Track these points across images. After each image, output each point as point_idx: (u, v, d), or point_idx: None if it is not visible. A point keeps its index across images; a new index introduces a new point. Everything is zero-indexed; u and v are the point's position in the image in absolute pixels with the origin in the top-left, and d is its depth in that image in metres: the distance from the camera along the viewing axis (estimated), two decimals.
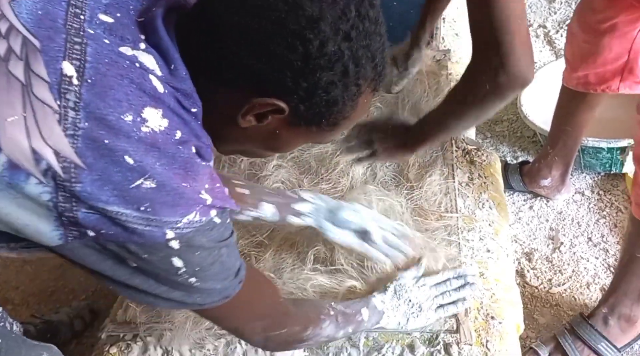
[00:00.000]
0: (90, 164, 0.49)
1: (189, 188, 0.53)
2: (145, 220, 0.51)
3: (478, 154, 1.25)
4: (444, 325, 0.93)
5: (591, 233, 1.54)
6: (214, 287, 0.62)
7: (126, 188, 0.50)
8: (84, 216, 0.50)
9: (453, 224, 1.07)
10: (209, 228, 0.56)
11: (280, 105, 0.56)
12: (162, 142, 0.52)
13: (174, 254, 0.54)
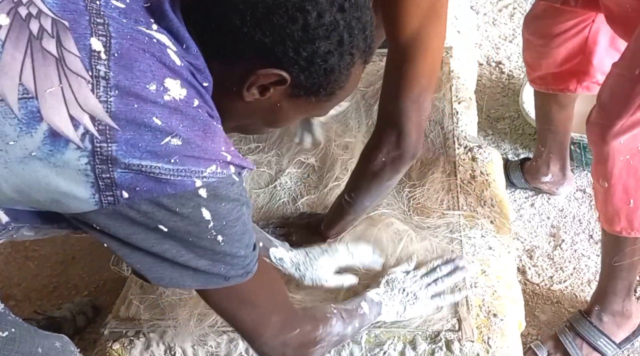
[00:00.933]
0: (123, 126, 0.54)
1: (210, 146, 0.58)
2: (176, 170, 0.56)
3: (480, 152, 1.25)
4: (446, 324, 0.93)
5: (592, 231, 1.54)
6: (238, 253, 0.64)
7: (157, 145, 0.55)
8: (119, 176, 0.54)
9: (455, 222, 1.07)
10: (230, 183, 0.60)
11: (283, 74, 0.60)
12: (183, 106, 0.57)
13: (203, 204, 0.58)
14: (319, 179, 1.20)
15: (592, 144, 1.11)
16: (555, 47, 1.30)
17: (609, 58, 1.28)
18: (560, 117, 1.46)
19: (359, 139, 1.26)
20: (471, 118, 1.39)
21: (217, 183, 0.58)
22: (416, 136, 0.89)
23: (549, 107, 1.45)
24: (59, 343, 0.81)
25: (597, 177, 1.11)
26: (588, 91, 1.37)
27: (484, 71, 2.05)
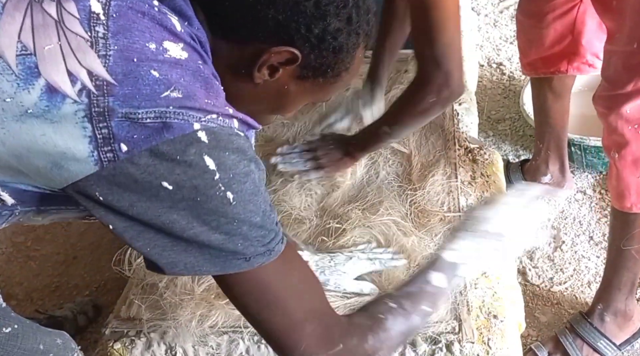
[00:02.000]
0: (121, 80, 0.53)
1: (211, 102, 0.57)
2: (173, 113, 0.54)
3: (480, 153, 1.25)
4: (446, 325, 0.93)
5: (592, 232, 1.55)
6: (254, 219, 0.58)
7: (155, 98, 0.54)
8: (116, 124, 0.53)
9: (456, 223, 1.08)
10: (231, 133, 0.57)
11: (295, 52, 0.60)
12: (183, 64, 0.56)
13: (205, 150, 0.54)
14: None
15: (601, 116, 1.12)
16: (545, 27, 1.33)
17: (597, 39, 1.32)
18: (556, 107, 1.48)
19: None
20: (472, 119, 1.39)
21: (217, 129, 0.56)
22: (459, 74, 0.99)
23: (545, 96, 1.47)
24: (60, 340, 0.82)
25: (609, 149, 1.12)
26: (579, 72, 1.40)
27: (484, 72, 2.05)
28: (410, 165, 1.19)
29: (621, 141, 1.08)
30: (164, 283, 1.02)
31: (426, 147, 1.23)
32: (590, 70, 1.40)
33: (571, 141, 1.58)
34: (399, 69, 1.42)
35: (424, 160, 1.20)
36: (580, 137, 1.57)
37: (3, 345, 0.71)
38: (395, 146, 1.24)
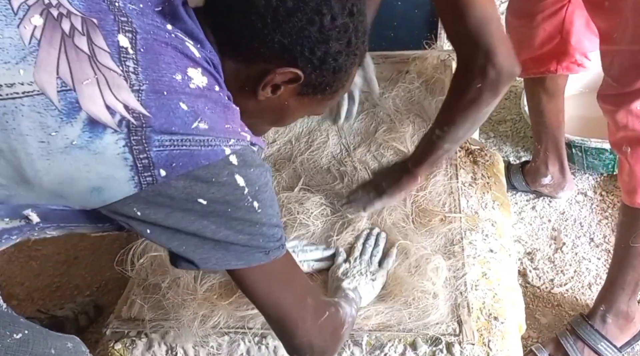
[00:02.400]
0: (155, 113, 0.58)
1: (231, 125, 0.63)
2: (207, 140, 0.60)
3: (481, 154, 1.25)
4: (447, 326, 0.93)
5: (593, 234, 1.55)
6: (272, 221, 0.67)
7: (188, 128, 0.59)
8: (155, 154, 0.57)
9: (456, 224, 1.08)
10: (251, 150, 0.64)
11: (298, 73, 0.65)
12: (206, 91, 0.62)
13: (235, 170, 0.61)
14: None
15: (607, 113, 1.12)
16: (534, 28, 1.34)
17: (585, 39, 1.34)
18: (550, 107, 1.48)
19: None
20: None
21: (242, 150, 0.62)
22: (506, 49, 0.85)
23: (539, 97, 1.48)
24: (71, 343, 0.82)
25: (620, 146, 1.12)
26: (569, 71, 1.41)
27: None
28: None
29: (633, 137, 1.08)
30: (167, 283, 1.03)
31: None
32: (580, 69, 1.41)
33: (572, 143, 1.58)
34: (400, 70, 1.43)
35: None
36: (581, 139, 1.57)
37: (14, 351, 0.72)
38: (397, 146, 1.24)
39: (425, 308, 0.94)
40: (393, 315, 0.94)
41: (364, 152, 1.25)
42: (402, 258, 1.03)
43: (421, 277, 0.98)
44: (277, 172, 1.25)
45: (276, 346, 0.96)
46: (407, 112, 1.32)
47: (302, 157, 1.26)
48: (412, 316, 0.94)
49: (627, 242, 1.15)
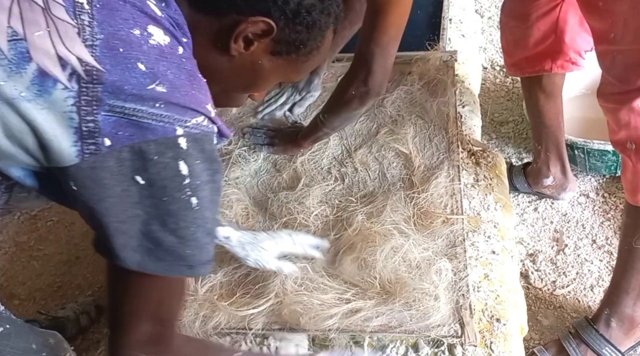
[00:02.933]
0: (109, 69, 0.55)
1: (195, 96, 0.59)
2: (159, 116, 0.56)
3: (484, 155, 1.25)
4: (449, 328, 0.93)
5: (595, 236, 1.54)
6: (207, 227, 0.62)
7: (142, 89, 0.56)
8: (103, 119, 0.55)
9: (458, 226, 1.08)
10: (209, 141, 0.60)
11: (271, 23, 0.63)
12: (167, 53, 0.59)
13: (182, 156, 0.58)
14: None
15: (609, 112, 1.12)
16: (528, 28, 1.35)
17: (579, 37, 1.35)
18: (549, 107, 1.49)
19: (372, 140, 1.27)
20: (475, 122, 1.39)
21: (200, 135, 0.59)
22: (381, 77, 1.07)
23: (536, 97, 1.48)
24: (53, 340, 0.82)
25: (624, 143, 1.11)
26: (563, 70, 1.41)
27: (488, 75, 2.05)
28: (413, 167, 1.19)
29: (636, 135, 1.08)
30: None
31: (430, 149, 1.23)
32: (574, 68, 1.41)
33: (574, 144, 1.58)
34: (402, 71, 1.43)
35: (427, 162, 1.20)
36: (583, 140, 1.56)
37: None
38: (398, 147, 1.24)
39: (427, 309, 0.94)
40: (394, 316, 0.94)
41: (365, 153, 1.25)
42: (404, 259, 1.02)
43: (423, 279, 0.97)
44: (278, 173, 1.25)
45: (277, 347, 0.96)
46: (409, 114, 1.31)
47: (302, 157, 1.26)
48: (414, 318, 0.94)
49: (631, 243, 1.15)
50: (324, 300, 0.97)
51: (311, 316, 0.94)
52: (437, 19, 1.62)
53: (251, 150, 1.28)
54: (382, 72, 1.06)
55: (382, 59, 1.04)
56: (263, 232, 1.03)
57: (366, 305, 0.96)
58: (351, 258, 1.02)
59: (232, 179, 1.23)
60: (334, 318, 0.94)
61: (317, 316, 0.94)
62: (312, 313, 0.95)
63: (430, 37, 1.53)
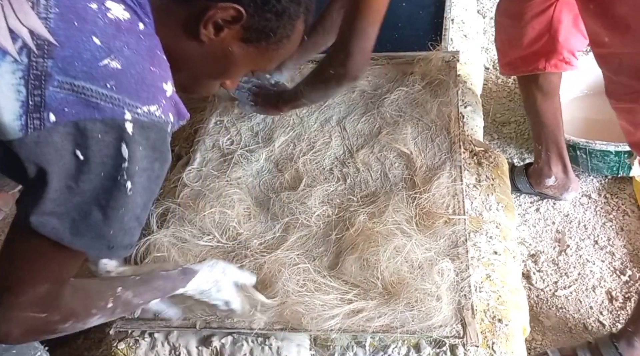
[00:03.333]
0: (62, 42, 0.55)
1: (153, 74, 0.59)
2: (109, 97, 0.56)
3: (486, 156, 1.25)
4: (451, 328, 0.93)
5: (597, 236, 1.54)
6: (136, 213, 0.62)
7: (95, 65, 0.56)
8: (50, 94, 0.55)
9: (460, 226, 1.07)
10: (157, 130, 0.60)
11: (240, 9, 0.63)
12: (126, 29, 0.59)
13: (125, 139, 0.57)
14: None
15: (622, 113, 1.13)
16: (523, 27, 1.36)
17: (572, 37, 1.37)
18: (547, 106, 1.49)
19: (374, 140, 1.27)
20: (477, 122, 1.39)
21: (148, 123, 0.58)
22: (360, 60, 1.09)
23: (534, 96, 1.49)
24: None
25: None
26: (556, 69, 1.42)
27: (490, 75, 2.05)
28: (415, 168, 1.19)
29: None
30: None
31: (432, 150, 1.23)
32: (568, 67, 1.42)
33: (576, 145, 1.58)
34: (404, 71, 1.43)
35: (429, 162, 1.20)
36: (585, 141, 1.56)
37: None
38: (399, 148, 1.24)
39: (429, 310, 0.94)
40: (396, 317, 0.94)
41: (367, 154, 1.25)
42: (406, 259, 1.02)
43: (425, 279, 0.97)
44: (280, 173, 1.25)
45: (279, 346, 0.96)
46: (411, 114, 1.31)
47: (304, 157, 1.26)
48: (416, 319, 0.93)
49: None
50: (326, 300, 0.97)
51: (313, 316, 0.94)
52: (439, 19, 1.62)
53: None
54: (361, 55, 1.08)
55: (361, 42, 1.07)
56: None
57: (368, 306, 0.96)
58: (353, 258, 1.02)
59: (233, 179, 1.23)
60: (335, 318, 0.94)
61: (319, 316, 0.94)
62: (314, 314, 0.95)
63: (432, 38, 1.53)
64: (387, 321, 0.94)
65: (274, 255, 1.05)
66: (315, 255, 1.07)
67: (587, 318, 1.37)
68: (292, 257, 1.05)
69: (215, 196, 1.17)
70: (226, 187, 1.20)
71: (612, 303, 1.39)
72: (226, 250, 1.10)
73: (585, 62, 1.77)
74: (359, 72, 1.11)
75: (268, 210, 1.17)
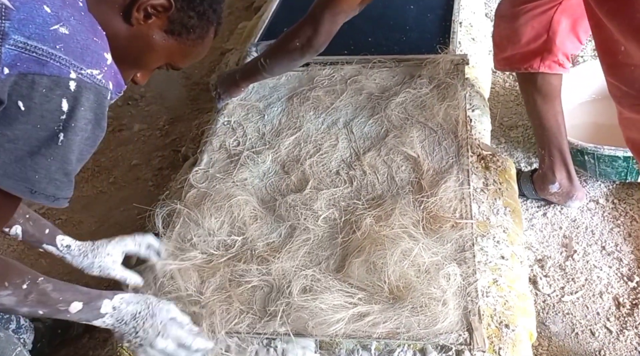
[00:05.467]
0: (18, 7, 0.63)
1: (95, 43, 0.67)
2: (57, 57, 0.64)
3: (493, 160, 1.24)
4: (458, 334, 0.92)
5: (605, 242, 1.53)
6: (65, 166, 0.68)
7: (46, 29, 0.63)
8: (5, 51, 0.61)
9: (467, 230, 1.07)
10: (98, 93, 0.67)
11: (170, 1, 0.73)
12: (70, 3, 0.67)
13: (67, 95, 0.65)
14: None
15: (637, 124, 1.11)
16: (523, 25, 1.37)
17: (568, 40, 1.38)
18: (547, 109, 1.48)
19: (380, 143, 1.27)
20: (485, 126, 1.38)
21: (89, 85, 0.66)
22: (324, 39, 1.23)
23: (533, 99, 1.48)
24: (3, 333, 0.82)
25: None
26: (549, 69, 1.42)
27: (497, 79, 2.04)
28: (422, 171, 1.19)
29: None
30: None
31: (439, 153, 1.22)
32: (560, 69, 1.43)
33: (584, 150, 1.57)
34: (412, 74, 1.42)
35: (436, 166, 1.20)
36: (594, 146, 1.55)
37: None
38: (406, 151, 1.24)
39: (435, 315, 0.93)
40: (402, 322, 0.93)
41: (374, 156, 1.25)
42: (412, 263, 1.02)
43: (431, 284, 0.97)
44: (286, 175, 1.24)
45: (284, 349, 0.96)
46: (418, 117, 1.31)
47: (311, 159, 1.26)
48: (422, 324, 0.93)
49: None
50: (331, 304, 0.96)
51: (318, 321, 0.94)
52: (447, 22, 1.62)
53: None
54: (326, 36, 1.23)
55: (329, 24, 1.20)
56: (104, 239, 1.06)
57: (373, 310, 0.95)
58: (359, 261, 1.02)
59: (240, 180, 1.23)
60: (340, 322, 0.94)
61: (324, 321, 0.94)
62: (319, 318, 0.94)
63: (439, 41, 1.53)
64: (392, 326, 0.94)
65: (279, 257, 1.05)
66: (321, 258, 1.07)
67: (594, 324, 1.36)
68: (297, 259, 1.05)
69: (222, 197, 1.17)
70: (232, 189, 1.20)
71: (620, 310, 1.38)
72: (231, 252, 1.10)
73: (593, 67, 1.76)
74: (321, 48, 1.26)
75: (274, 212, 1.17)
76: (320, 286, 0.99)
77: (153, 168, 1.93)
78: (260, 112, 1.41)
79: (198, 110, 2.13)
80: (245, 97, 1.45)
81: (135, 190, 1.84)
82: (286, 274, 1.03)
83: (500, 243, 1.08)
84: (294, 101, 1.41)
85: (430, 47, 1.50)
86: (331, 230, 1.12)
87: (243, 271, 1.05)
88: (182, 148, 1.75)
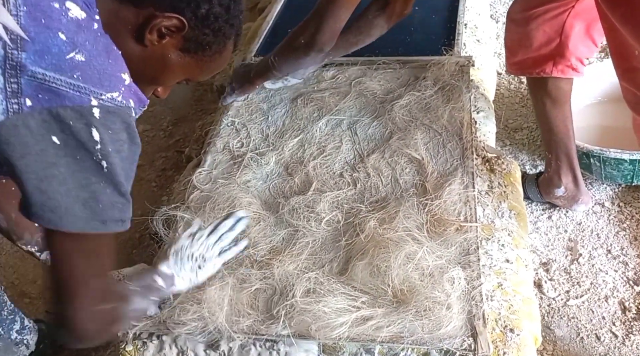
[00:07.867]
0: (33, 38, 0.63)
1: (111, 65, 0.67)
2: (76, 86, 0.64)
3: (498, 162, 1.23)
4: (462, 339, 0.91)
5: (610, 246, 1.52)
6: (120, 189, 0.69)
7: (62, 58, 0.63)
8: (25, 82, 0.62)
9: (472, 234, 1.06)
10: (123, 113, 0.68)
11: (184, 21, 0.72)
12: (85, 27, 0.66)
13: (94, 124, 0.65)
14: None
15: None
16: (534, 29, 1.36)
17: (582, 44, 1.36)
18: (556, 113, 1.47)
19: (385, 145, 1.26)
20: (490, 128, 1.37)
21: (113, 108, 0.66)
22: (328, 36, 1.23)
23: (543, 103, 1.47)
24: (2, 343, 0.83)
25: None
26: (562, 74, 1.41)
27: (502, 81, 2.03)
28: (426, 174, 1.18)
29: None
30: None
31: (443, 156, 1.22)
32: (574, 74, 1.41)
33: (590, 153, 1.56)
34: (417, 76, 1.42)
35: (441, 168, 1.19)
36: (600, 149, 1.54)
37: None
38: (410, 153, 1.23)
39: (439, 319, 0.92)
40: (406, 326, 0.93)
41: (378, 158, 1.24)
42: (416, 267, 1.01)
43: (435, 287, 0.96)
44: (289, 177, 1.24)
45: (287, 352, 0.95)
46: (422, 119, 1.30)
47: (314, 161, 1.26)
48: (426, 328, 0.92)
49: None
50: (335, 307, 0.96)
51: (321, 324, 0.94)
52: (452, 23, 1.61)
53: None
54: (330, 32, 1.23)
55: (332, 21, 1.21)
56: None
57: (377, 313, 0.95)
58: (363, 264, 1.01)
59: (243, 182, 1.23)
60: (343, 326, 0.93)
61: (327, 324, 0.93)
62: (322, 321, 0.94)
63: (444, 42, 1.52)
64: (396, 329, 0.93)
65: (281, 260, 1.05)
66: (324, 260, 1.06)
67: (600, 328, 1.35)
68: (300, 262, 1.04)
69: (225, 199, 1.17)
70: (235, 190, 1.19)
71: (625, 314, 1.37)
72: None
73: (600, 69, 1.75)
74: (325, 46, 1.25)
75: (277, 214, 1.16)
76: (324, 289, 0.99)
77: (157, 169, 1.93)
78: (264, 113, 1.40)
79: (202, 111, 2.13)
80: (249, 97, 1.45)
81: (139, 190, 1.84)
82: (289, 277, 1.02)
83: (505, 247, 1.07)
84: (298, 102, 1.41)
85: (435, 48, 1.49)
86: (334, 232, 1.11)
87: (246, 273, 1.05)
88: (186, 149, 1.74)
